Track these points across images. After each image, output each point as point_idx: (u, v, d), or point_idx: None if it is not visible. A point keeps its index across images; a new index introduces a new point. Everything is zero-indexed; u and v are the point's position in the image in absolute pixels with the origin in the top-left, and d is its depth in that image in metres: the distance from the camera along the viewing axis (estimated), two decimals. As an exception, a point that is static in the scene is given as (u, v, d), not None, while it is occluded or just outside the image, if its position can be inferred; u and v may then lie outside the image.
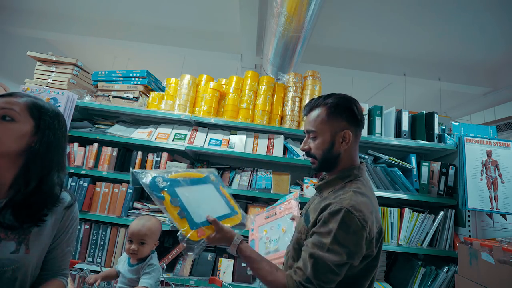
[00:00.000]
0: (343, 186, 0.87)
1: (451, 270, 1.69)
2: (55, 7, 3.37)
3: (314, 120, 0.90)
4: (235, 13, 2.83)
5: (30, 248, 0.76)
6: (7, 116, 0.74)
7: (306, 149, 0.94)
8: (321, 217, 0.79)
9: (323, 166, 0.92)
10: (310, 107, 0.94)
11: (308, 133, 0.92)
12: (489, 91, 3.59)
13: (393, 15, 2.78)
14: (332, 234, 0.74)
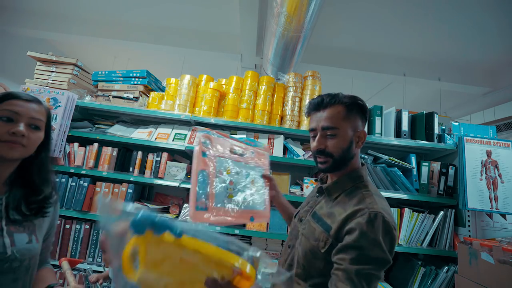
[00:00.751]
0: (355, 187, 0.86)
1: (451, 270, 1.69)
2: (55, 7, 3.37)
3: (334, 116, 0.85)
4: (235, 13, 2.83)
5: (38, 238, 0.84)
6: (36, 126, 0.80)
7: (321, 148, 0.86)
8: (355, 226, 0.74)
9: (336, 166, 0.87)
10: (320, 105, 0.88)
11: (324, 130, 0.85)
12: (489, 91, 3.59)
13: (393, 15, 2.78)
14: (376, 243, 0.72)
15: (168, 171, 1.93)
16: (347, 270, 0.71)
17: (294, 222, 1.00)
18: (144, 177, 1.92)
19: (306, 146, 2.15)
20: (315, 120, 0.88)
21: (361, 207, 0.78)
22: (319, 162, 0.89)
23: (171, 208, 1.96)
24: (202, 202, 0.82)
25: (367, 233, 0.73)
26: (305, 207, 0.99)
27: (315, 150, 0.88)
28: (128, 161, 2.02)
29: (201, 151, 0.88)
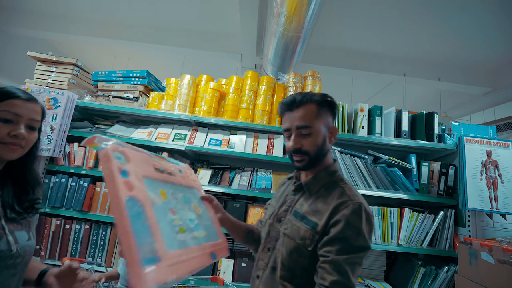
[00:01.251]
0: (333, 182, 0.90)
1: (451, 270, 1.69)
2: (55, 7, 3.37)
3: (307, 115, 0.87)
4: (235, 13, 2.82)
5: (34, 235, 0.86)
6: (34, 127, 0.80)
7: (297, 148, 0.87)
8: (340, 218, 0.78)
9: (312, 163, 0.89)
10: (293, 105, 0.89)
11: (299, 129, 0.87)
12: (489, 91, 3.60)
13: (393, 15, 2.78)
14: (361, 233, 0.77)
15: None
16: (334, 261, 0.74)
17: (270, 223, 0.96)
18: (144, 177, 1.91)
19: (306, 146, 2.15)
20: (289, 120, 0.89)
21: (345, 199, 0.82)
22: (296, 161, 0.90)
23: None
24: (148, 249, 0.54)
25: (352, 224, 0.77)
26: (283, 206, 0.96)
27: (291, 149, 0.89)
28: (128, 161, 2.02)
29: (119, 170, 0.59)
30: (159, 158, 0.81)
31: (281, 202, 0.98)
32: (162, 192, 0.68)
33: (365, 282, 1.74)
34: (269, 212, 1.02)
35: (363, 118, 1.99)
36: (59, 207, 1.87)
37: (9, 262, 0.75)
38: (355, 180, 1.87)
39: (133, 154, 0.67)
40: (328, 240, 0.78)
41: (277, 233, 0.92)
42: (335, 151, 1.92)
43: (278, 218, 0.95)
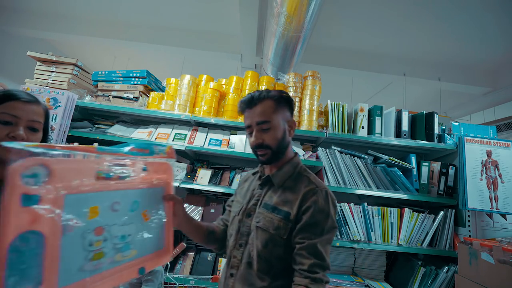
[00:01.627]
0: (297, 173, 0.96)
1: (451, 270, 1.69)
2: (55, 7, 3.37)
3: (266, 111, 0.91)
4: (235, 13, 2.82)
5: None
6: (35, 128, 0.79)
7: (259, 143, 0.90)
8: (310, 204, 0.86)
9: (275, 157, 0.92)
10: (251, 102, 0.92)
11: (259, 125, 0.90)
12: (489, 91, 3.59)
13: (393, 15, 2.78)
14: (329, 215, 0.86)
15: (168, 171, 1.92)
16: (309, 246, 0.82)
17: (240, 219, 0.96)
18: (144, 177, 1.91)
19: (306, 146, 2.15)
20: (249, 117, 0.93)
21: (312, 187, 0.90)
22: (259, 155, 0.92)
23: (171, 208, 1.96)
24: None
25: (322, 209, 0.85)
26: (251, 201, 0.97)
27: (254, 145, 0.92)
28: (128, 161, 2.02)
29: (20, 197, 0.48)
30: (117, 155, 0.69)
31: (249, 197, 0.99)
32: (93, 208, 0.61)
33: (365, 282, 1.74)
34: (235, 209, 1.01)
35: (363, 118, 1.99)
36: (59, 207, 1.86)
37: None
38: (355, 180, 1.87)
39: (64, 165, 0.58)
40: (301, 227, 0.84)
41: (248, 228, 0.93)
42: (335, 151, 1.93)
43: (248, 213, 0.95)
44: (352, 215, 1.83)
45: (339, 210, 1.83)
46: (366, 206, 1.85)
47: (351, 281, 1.72)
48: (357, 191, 1.84)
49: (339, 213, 1.83)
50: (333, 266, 1.88)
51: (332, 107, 1.98)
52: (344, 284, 1.69)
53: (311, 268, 0.80)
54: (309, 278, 0.79)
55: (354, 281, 1.73)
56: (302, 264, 0.81)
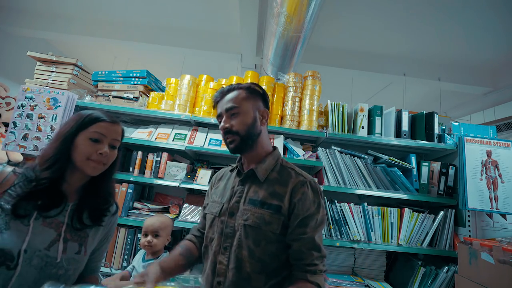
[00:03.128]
0: (279, 165, 0.96)
1: (451, 270, 1.69)
2: (55, 7, 3.37)
3: (235, 98, 0.91)
4: (235, 13, 2.82)
5: (87, 250, 0.86)
6: (115, 146, 0.88)
7: (227, 127, 0.90)
8: (302, 196, 0.86)
9: (244, 144, 0.90)
10: (223, 93, 0.94)
11: (228, 111, 0.91)
12: (489, 91, 3.59)
13: (393, 15, 2.78)
14: (321, 206, 0.88)
15: (168, 171, 1.93)
16: (307, 241, 0.83)
17: (221, 220, 0.91)
18: (144, 177, 1.92)
19: (306, 146, 2.15)
20: (220, 107, 0.94)
21: (301, 179, 0.90)
22: (228, 142, 0.92)
23: (171, 208, 1.96)
24: None
25: (313, 199, 0.87)
26: (233, 198, 0.92)
27: (223, 130, 0.92)
28: (128, 161, 2.02)
29: None
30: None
31: (229, 195, 0.94)
32: None
33: (365, 282, 1.74)
34: (214, 210, 0.95)
35: (363, 118, 1.99)
36: (59, 207, 1.87)
37: (52, 271, 0.76)
38: (355, 180, 1.87)
39: None
40: (297, 222, 0.84)
41: (232, 228, 0.88)
42: (335, 151, 1.93)
43: (230, 211, 0.90)
44: (352, 215, 1.83)
45: (339, 210, 1.83)
46: (366, 206, 1.85)
47: (351, 281, 1.72)
48: (357, 191, 1.84)
49: (339, 213, 1.83)
50: (333, 266, 1.88)
51: (332, 107, 1.98)
52: (344, 284, 1.70)
53: (311, 261, 0.81)
54: (309, 272, 0.80)
55: (354, 281, 1.73)
56: (302, 259, 0.82)
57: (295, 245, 0.83)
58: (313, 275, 0.80)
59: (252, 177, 0.93)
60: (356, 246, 1.78)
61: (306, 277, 0.79)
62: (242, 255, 0.84)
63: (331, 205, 1.85)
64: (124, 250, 1.85)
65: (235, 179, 0.97)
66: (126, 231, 1.87)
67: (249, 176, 0.94)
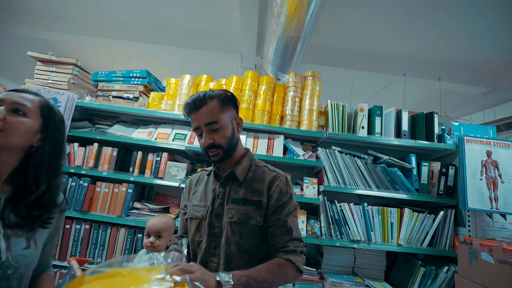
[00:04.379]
0: (254, 165, 1.04)
1: (451, 270, 1.69)
2: (55, 7, 3.37)
3: (212, 111, 0.92)
4: (235, 13, 2.82)
5: (38, 244, 0.78)
6: (20, 110, 0.75)
7: (210, 143, 0.92)
8: (275, 188, 0.96)
9: (227, 155, 0.96)
10: (197, 104, 0.93)
11: (208, 126, 0.92)
12: (489, 91, 3.59)
13: (393, 15, 2.78)
14: (291, 196, 0.98)
15: (168, 171, 1.93)
16: (281, 224, 0.92)
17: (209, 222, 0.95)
18: (144, 177, 1.92)
19: (306, 146, 2.15)
20: (197, 119, 0.94)
21: (274, 174, 1.00)
22: (212, 156, 0.95)
23: (171, 208, 1.96)
24: None
25: (285, 191, 0.97)
26: (217, 201, 0.97)
27: (205, 146, 0.94)
28: (128, 161, 2.02)
29: None
30: None
31: (212, 198, 0.99)
32: None
33: (365, 282, 1.74)
34: (198, 214, 0.99)
35: (363, 118, 1.99)
36: (59, 207, 1.87)
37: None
38: (355, 180, 1.87)
39: None
40: (271, 211, 0.94)
41: (219, 228, 0.95)
42: (335, 151, 1.93)
43: (216, 213, 0.96)
44: (352, 215, 1.83)
45: (339, 210, 1.83)
46: (366, 206, 1.85)
47: (351, 281, 1.72)
48: (357, 191, 1.84)
49: (339, 213, 1.83)
50: (333, 266, 1.88)
51: (332, 107, 1.98)
52: (344, 284, 1.70)
53: (284, 243, 0.90)
54: (282, 251, 0.89)
55: (354, 281, 1.73)
56: (277, 242, 0.91)
57: (270, 231, 0.93)
58: (286, 253, 0.88)
59: (232, 179, 1.00)
60: (356, 246, 1.78)
61: (280, 256, 0.88)
62: (230, 251, 0.91)
63: (331, 205, 1.85)
64: (124, 250, 1.85)
65: (214, 183, 1.02)
66: (126, 231, 1.87)
67: (229, 178, 0.99)
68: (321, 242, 1.79)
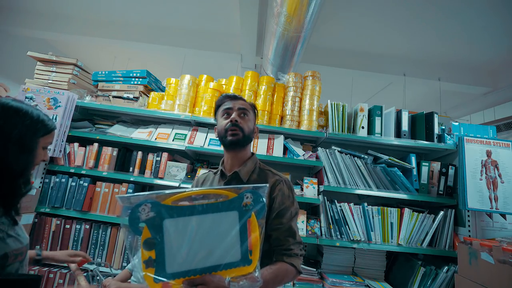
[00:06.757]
0: (258, 168, 1.09)
1: (450, 270, 1.70)
2: (55, 7, 3.37)
3: (245, 104, 1.07)
4: (235, 13, 2.83)
5: None
6: None
7: (238, 120, 1.02)
8: (278, 192, 1.00)
9: (243, 141, 1.03)
10: (236, 96, 1.09)
11: (239, 110, 1.04)
12: (489, 91, 3.60)
13: (393, 15, 2.78)
14: (294, 200, 1.03)
15: (168, 171, 1.93)
16: (284, 228, 0.96)
17: None
18: (144, 177, 1.92)
19: (306, 146, 2.15)
20: (231, 103, 1.06)
21: (277, 178, 1.05)
22: (231, 134, 1.01)
23: (171, 208, 1.96)
24: None
25: (288, 195, 1.02)
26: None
27: (232, 121, 1.01)
28: (128, 161, 2.02)
29: None
30: None
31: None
32: None
33: (365, 282, 1.74)
34: None
35: (363, 118, 1.99)
36: (59, 207, 1.87)
37: None
38: (355, 180, 1.87)
39: None
40: (275, 214, 0.98)
41: None
42: (335, 151, 1.93)
43: None
44: (352, 215, 1.83)
45: (339, 210, 1.83)
46: (366, 206, 1.85)
47: (351, 281, 1.72)
48: (357, 191, 1.84)
49: (339, 213, 1.83)
50: (333, 266, 1.88)
51: (332, 107, 1.98)
52: (344, 284, 1.70)
53: (288, 246, 0.95)
54: (285, 255, 0.94)
55: (354, 281, 1.73)
56: (282, 245, 0.96)
57: (274, 234, 0.96)
58: (289, 257, 0.94)
59: (236, 179, 1.05)
60: (356, 246, 1.78)
61: (283, 259, 0.93)
62: None
63: (331, 205, 1.85)
64: (124, 250, 1.85)
65: (219, 182, 1.09)
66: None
67: (233, 178, 1.05)
68: (321, 242, 1.79)
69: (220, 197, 0.71)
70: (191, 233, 0.67)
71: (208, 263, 0.67)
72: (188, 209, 0.68)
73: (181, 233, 0.66)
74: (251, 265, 0.71)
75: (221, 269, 0.68)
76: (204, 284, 0.66)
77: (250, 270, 0.70)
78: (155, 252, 0.64)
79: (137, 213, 0.64)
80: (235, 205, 0.71)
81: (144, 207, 0.64)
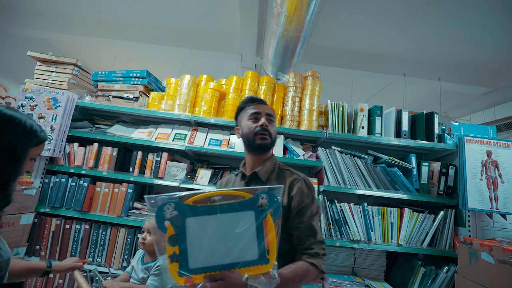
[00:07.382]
0: (277, 168, 1.10)
1: (451, 270, 1.69)
2: (55, 7, 3.37)
3: (271, 111, 1.11)
4: (235, 13, 2.83)
5: None
6: None
7: (267, 126, 1.05)
8: (297, 191, 1.00)
9: (270, 145, 1.07)
10: (263, 101, 1.12)
11: (268, 116, 1.08)
12: (489, 91, 3.59)
13: (393, 15, 2.78)
14: (314, 198, 1.03)
15: (168, 171, 1.93)
16: (304, 226, 0.96)
17: None
18: (144, 177, 1.92)
19: (306, 146, 2.15)
20: (261, 108, 1.09)
21: (295, 177, 1.05)
22: (261, 138, 1.05)
23: (171, 208, 1.96)
24: None
25: (308, 193, 1.01)
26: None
27: (262, 126, 1.05)
28: (128, 161, 2.02)
29: None
30: None
31: None
32: None
33: (365, 282, 1.74)
34: None
35: (363, 118, 1.99)
36: (59, 207, 1.87)
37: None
38: (355, 180, 1.87)
39: None
40: (295, 213, 0.97)
41: None
42: (335, 151, 1.93)
43: None
44: (352, 215, 1.83)
45: (339, 210, 1.83)
46: (366, 206, 1.85)
47: (351, 281, 1.72)
48: (357, 191, 1.84)
49: (339, 213, 1.83)
50: (333, 266, 1.88)
51: (332, 107, 1.98)
52: (344, 284, 1.70)
53: (309, 245, 0.94)
54: (306, 254, 0.93)
55: (354, 281, 1.73)
56: (303, 244, 0.95)
57: (295, 233, 0.96)
58: (310, 257, 0.92)
59: (255, 179, 1.07)
60: (356, 246, 1.78)
61: (304, 259, 0.92)
62: None
63: (331, 205, 1.85)
64: (124, 250, 1.85)
65: (240, 182, 1.11)
66: (126, 231, 1.87)
67: (252, 178, 1.07)
68: (321, 242, 1.79)
69: (238, 198, 0.76)
70: (210, 231, 0.72)
71: (227, 260, 0.71)
72: (207, 209, 0.73)
73: (202, 231, 0.72)
74: (269, 264, 0.74)
75: (240, 266, 0.72)
76: (223, 279, 0.69)
77: (267, 269, 0.74)
78: (178, 248, 0.70)
79: (162, 212, 0.70)
80: (251, 205, 0.75)
81: (168, 206, 0.70)
